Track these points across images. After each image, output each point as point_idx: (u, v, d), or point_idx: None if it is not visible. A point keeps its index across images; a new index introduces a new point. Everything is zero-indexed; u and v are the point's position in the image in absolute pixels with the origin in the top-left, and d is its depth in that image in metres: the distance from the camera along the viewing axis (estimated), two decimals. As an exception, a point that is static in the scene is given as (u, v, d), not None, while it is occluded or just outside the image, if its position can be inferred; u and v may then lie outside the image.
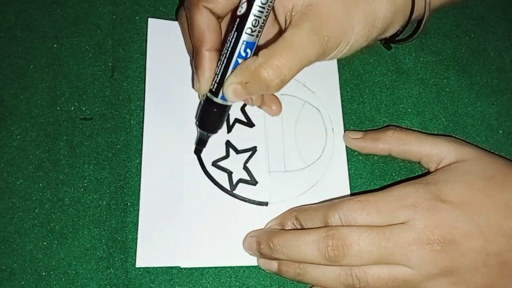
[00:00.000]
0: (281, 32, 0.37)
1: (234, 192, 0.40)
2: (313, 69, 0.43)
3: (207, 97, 0.38)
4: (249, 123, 0.42)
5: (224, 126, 0.42)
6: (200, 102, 0.40)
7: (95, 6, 0.45)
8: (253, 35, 0.35)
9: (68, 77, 0.43)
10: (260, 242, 0.37)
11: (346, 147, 0.42)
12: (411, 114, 0.43)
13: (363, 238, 0.33)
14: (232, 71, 0.36)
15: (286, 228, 0.38)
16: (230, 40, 0.36)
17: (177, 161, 0.41)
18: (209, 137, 0.40)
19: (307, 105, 0.43)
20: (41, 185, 0.40)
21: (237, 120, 0.42)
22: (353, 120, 0.43)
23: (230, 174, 0.41)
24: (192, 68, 0.42)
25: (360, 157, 0.41)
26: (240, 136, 0.42)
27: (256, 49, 0.36)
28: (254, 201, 0.40)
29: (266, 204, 0.40)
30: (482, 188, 0.34)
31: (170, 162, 0.41)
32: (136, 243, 0.38)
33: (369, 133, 0.40)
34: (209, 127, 0.39)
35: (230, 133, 0.42)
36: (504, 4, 0.45)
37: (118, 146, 0.41)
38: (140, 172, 0.40)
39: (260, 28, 0.35)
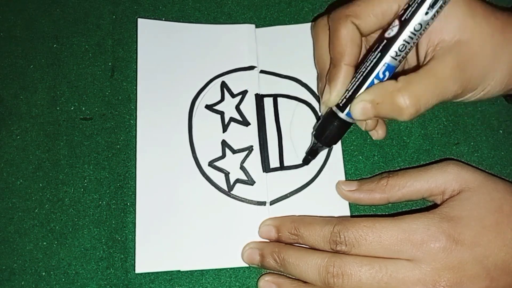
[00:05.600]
0: (417, 66, 0.37)
1: (231, 192, 0.40)
2: (305, 65, 0.43)
3: (331, 110, 0.38)
4: (245, 122, 0.42)
5: (220, 125, 0.42)
6: (322, 114, 0.40)
7: (95, 6, 0.45)
8: (396, 59, 0.35)
9: (68, 77, 0.43)
10: (264, 255, 0.37)
11: (342, 144, 0.41)
12: (411, 114, 0.42)
13: (364, 270, 0.33)
14: (365, 90, 0.36)
15: (281, 234, 0.38)
16: (371, 59, 0.35)
17: (173, 163, 0.40)
18: (321, 150, 0.40)
19: (301, 103, 0.43)
20: (41, 185, 0.40)
21: (232, 119, 0.42)
22: (353, 120, 0.42)
23: (227, 174, 0.40)
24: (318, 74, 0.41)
25: (360, 157, 0.41)
26: (236, 135, 0.41)
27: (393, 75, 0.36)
28: (252, 201, 0.40)
29: (264, 203, 0.40)
30: (493, 224, 0.33)
31: (165, 164, 0.40)
32: (135, 244, 0.38)
33: (363, 183, 0.39)
34: (326, 140, 0.38)
35: (225, 133, 0.42)
36: (504, 4, 0.45)
37: (118, 146, 0.41)
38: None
39: (405, 54, 0.35)
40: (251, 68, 0.43)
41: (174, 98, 0.42)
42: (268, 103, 0.42)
